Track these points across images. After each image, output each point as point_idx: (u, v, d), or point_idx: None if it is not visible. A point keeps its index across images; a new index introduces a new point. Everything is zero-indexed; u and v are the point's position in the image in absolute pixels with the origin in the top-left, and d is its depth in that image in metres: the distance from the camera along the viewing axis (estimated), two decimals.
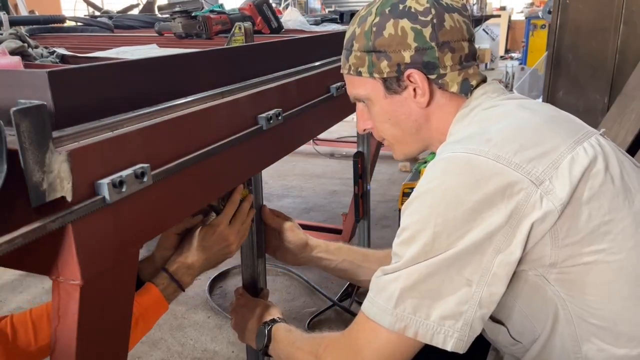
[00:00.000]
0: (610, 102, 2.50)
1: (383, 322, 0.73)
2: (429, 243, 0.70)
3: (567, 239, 0.70)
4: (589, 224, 0.70)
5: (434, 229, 0.70)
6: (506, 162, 0.70)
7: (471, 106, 0.87)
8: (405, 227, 0.74)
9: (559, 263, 0.72)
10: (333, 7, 5.95)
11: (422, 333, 0.70)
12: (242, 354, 1.96)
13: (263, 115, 1.01)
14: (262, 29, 1.82)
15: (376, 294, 0.75)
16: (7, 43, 0.99)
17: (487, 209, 0.69)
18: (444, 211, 0.70)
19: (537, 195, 0.68)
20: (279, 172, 4.05)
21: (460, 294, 0.69)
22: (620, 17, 2.46)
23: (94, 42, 1.70)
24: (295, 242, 1.17)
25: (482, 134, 0.76)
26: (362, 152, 2.07)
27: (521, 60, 7.45)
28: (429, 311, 0.70)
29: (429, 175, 0.75)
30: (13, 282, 2.51)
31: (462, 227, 0.69)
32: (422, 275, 0.70)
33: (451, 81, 0.86)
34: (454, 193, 0.70)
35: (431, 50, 0.84)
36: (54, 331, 0.67)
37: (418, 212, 0.73)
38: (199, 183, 0.86)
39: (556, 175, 0.70)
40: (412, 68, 0.85)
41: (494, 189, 0.69)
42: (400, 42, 0.84)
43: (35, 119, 0.53)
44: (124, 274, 0.74)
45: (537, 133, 0.75)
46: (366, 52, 0.87)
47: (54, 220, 0.55)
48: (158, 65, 0.83)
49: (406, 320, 0.70)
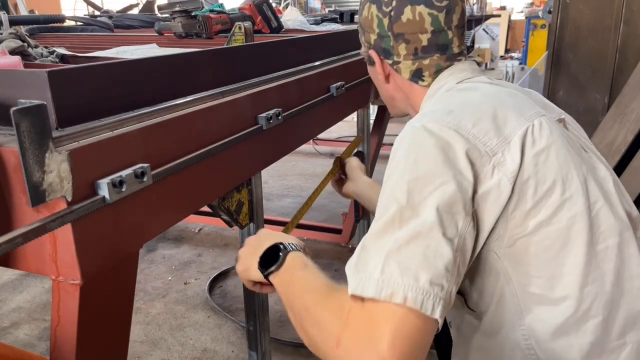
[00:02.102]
0: (610, 102, 2.50)
1: (368, 292, 0.65)
2: (404, 205, 0.69)
3: (515, 211, 0.74)
4: (534, 197, 0.74)
5: (407, 191, 0.70)
6: (465, 132, 0.75)
7: (437, 86, 0.94)
8: (384, 188, 0.75)
9: (507, 236, 0.75)
10: (333, 7, 5.93)
11: (412, 298, 0.63)
12: (242, 354, 1.96)
13: (263, 115, 1.01)
14: (262, 28, 1.82)
15: (358, 264, 0.69)
16: (7, 43, 0.99)
17: (451, 169, 0.71)
18: (413, 175, 0.72)
19: (489, 166, 0.73)
20: (279, 172, 4.05)
21: (446, 259, 0.67)
22: (620, 17, 2.46)
23: (93, 41, 1.70)
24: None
25: (444, 107, 0.82)
26: (362, 152, 2.07)
27: (521, 60, 7.45)
28: (418, 274, 0.65)
29: (396, 146, 0.79)
30: (13, 282, 2.51)
31: (432, 183, 0.70)
32: (406, 240, 0.67)
33: (404, 69, 0.95)
34: (420, 157, 0.73)
35: (387, 39, 0.94)
36: (53, 331, 0.67)
37: (392, 172, 0.75)
38: (199, 183, 0.86)
39: (508, 149, 0.74)
40: (373, 49, 0.97)
41: (456, 154, 0.73)
42: (369, 25, 0.96)
43: (35, 118, 0.53)
44: (124, 274, 0.74)
45: (494, 108, 0.79)
46: (359, 25, 1.02)
47: (54, 220, 0.55)
48: (158, 65, 0.83)
49: (393, 285, 0.64)
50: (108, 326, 0.72)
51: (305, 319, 0.73)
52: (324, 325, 0.69)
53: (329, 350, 0.67)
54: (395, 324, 0.63)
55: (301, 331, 0.74)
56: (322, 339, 0.69)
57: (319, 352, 0.70)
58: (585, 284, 0.76)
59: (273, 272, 0.82)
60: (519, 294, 0.78)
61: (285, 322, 2.12)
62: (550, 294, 0.77)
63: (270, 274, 0.83)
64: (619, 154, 2.19)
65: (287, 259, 0.82)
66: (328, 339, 0.67)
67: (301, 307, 0.75)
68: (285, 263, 0.82)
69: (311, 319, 0.72)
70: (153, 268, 2.62)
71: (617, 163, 2.15)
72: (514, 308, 0.79)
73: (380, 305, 0.64)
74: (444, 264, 0.66)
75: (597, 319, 0.76)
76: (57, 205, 0.59)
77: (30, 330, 2.12)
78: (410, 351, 0.62)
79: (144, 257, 2.72)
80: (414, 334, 0.63)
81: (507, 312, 0.80)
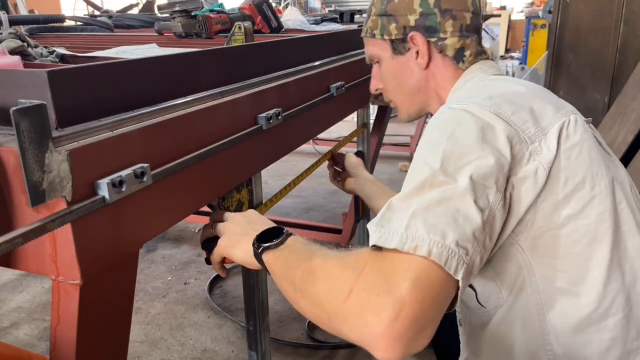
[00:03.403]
0: (610, 102, 2.50)
1: (390, 244, 0.61)
2: (437, 170, 0.67)
3: (544, 202, 0.74)
4: (565, 189, 0.75)
5: (441, 159, 0.69)
6: (505, 118, 0.75)
7: (467, 77, 0.96)
8: (414, 160, 0.74)
9: (534, 226, 0.75)
10: (333, 7, 5.94)
11: (437, 253, 0.59)
12: (242, 354, 1.96)
13: (263, 115, 1.01)
14: (262, 28, 1.82)
15: (382, 220, 0.65)
16: (7, 42, 0.99)
17: (489, 146, 0.71)
18: (450, 147, 0.70)
19: (527, 152, 0.74)
20: (279, 172, 4.05)
21: (475, 225, 0.64)
22: (620, 17, 2.46)
23: (93, 41, 1.69)
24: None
25: (482, 94, 0.82)
26: (362, 152, 2.07)
27: (521, 60, 7.45)
28: (445, 233, 0.61)
29: (431, 124, 0.78)
30: (13, 282, 2.51)
31: (468, 156, 0.69)
32: (435, 201, 0.64)
33: (450, 45, 0.95)
34: (458, 133, 0.72)
35: (433, 16, 0.94)
36: (53, 331, 0.67)
37: (426, 146, 0.74)
38: (198, 183, 0.85)
39: (545, 140, 0.75)
40: (415, 31, 0.96)
41: (496, 134, 0.73)
42: (407, 7, 0.96)
43: (35, 118, 0.53)
44: (124, 274, 0.74)
45: (530, 101, 0.80)
46: (379, 15, 1.00)
47: (54, 220, 0.55)
48: (158, 65, 0.83)
49: (418, 239, 0.60)
50: (108, 326, 0.72)
51: (310, 280, 0.65)
52: (335, 280, 0.62)
53: (338, 306, 0.59)
54: (416, 273, 0.58)
55: (303, 299, 0.66)
56: (330, 296, 0.61)
57: (325, 315, 0.62)
58: (609, 281, 0.76)
59: (271, 248, 0.77)
60: (542, 289, 0.78)
61: (285, 322, 2.12)
62: (575, 288, 0.77)
63: (267, 249, 0.77)
64: (619, 154, 2.19)
65: (288, 240, 0.78)
66: (338, 294, 0.60)
67: (304, 272, 0.67)
68: (286, 242, 0.77)
69: (318, 278, 0.65)
70: (153, 268, 2.62)
71: None
72: (534, 302, 0.79)
73: (402, 255, 0.60)
74: (472, 229, 0.64)
75: (618, 316, 0.77)
76: (57, 205, 0.59)
77: (30, 330, 2.12)
78: (430, 300, 0.57)
79: (144, 257, 2.72)
80: (436, 284, 0.59)
81: (525, 306, 0.80)
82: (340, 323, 0.60)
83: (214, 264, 0.92)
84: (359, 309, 0.57)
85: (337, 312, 0.60)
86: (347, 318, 0.58)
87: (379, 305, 0.56)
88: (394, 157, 4.33)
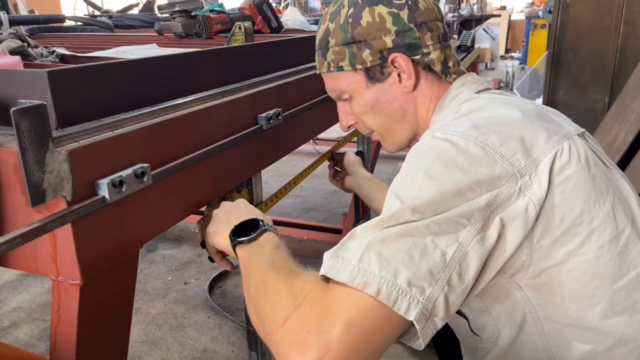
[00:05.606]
0: (610, 102, 2.50)
1: (341, 276, 0.60)
2: (407, 207, 0.65)
3: (541, 241, 0.70)
4: (561, 226, 0.70)
5: (414, 195, 0.66)
6: (493, 151, 0.70)
7: (451, 96, 0.88)
8: (390, 189, 0.71)
9: (532, 266, 0.71)
10: None
11: (386, 292, 0.58)
12: (242, 354, 1.96)
13: (263, 115, 1.01)
14: (262, 28, 1.82)
15: (340, 249, 0.64)
16: (7, 43, 0.99)
17: (470, 191, 0.67)
18: (427, 183, 0.67)
19: (517, 187, 0.68)
20: (279, 172, 4.05)
21: (432, 263, 0.62)
22: (620, 17, 2.46)
23: (93, 41, 1.70)
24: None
25: (468, 122, 0.76)
26: (362, 152, 2.07)
27: (521, 60, 7.45)
28: (398, 270, 0.59)
29: (416, 150, 0.74)
30: (13, 282, 2.51)
31: (443, 195, 0.66)
32: (393, 235, 0.62)
33: (436, 59, 0.88)
34: (439, 169, 0.68)
35: (411, 32, 0.86)
36: (53, 331, 0.67)
37: (404, 176, 0.71)
38: (199, 183, 0.86)
39: (535, 173, 0.69)
40: (395, 52, 0.86)
41: (480, 176, 0.68)
42: (379, 29, 0.86)
43: (35, 118, 0.53)
44: (124, 274, 0.74)
45: (521, 128, 0.74)
46: (345, 44, 0.89)
47: (54, 220, 0.55)
48: (158, 65, 0.83)
49: (369, 275, 0.59)
50: (108, 326, 0.72)
51: (260, 293, 0.67)
52: (277, 303, 0.62)
53: (272, 331, 0.60)
54: (355, 313, 0.57)
55: (252, 309, 0.67)
56: (270, 318, 0.62)
57: (263, 333, 0.63)
58: (614, 314, 0.73)
59: (244, 243, 0.79)
60: (545, 324, 0.75)
61: None
62: (579, 323, 0.74)
63: (240, 244, 0.79)
64: (619, 154, 2.19)
65: (262, 237, 0.79)
66: (276, 318, 0.60)
67: (259, 281, 0.69)
68: (259, 239, 0.78)
69: (266, 293, 0.66)
70: (153, 268, 2.62)
71: (617, 163, 2.15)
72: (538, 336, 0.76)
73: (347, 291, 0.59)
74: (428, 267, 0.61)
75: (629, 345, 0.74)
76: (57, 205, 0.59)
77: (30, 330, 2.12)
78: (361, 346, 0.56)
79: (144, 257, 2.72)
80: (372, 330, 0.58)
81: (530, 339, 0.77)
82: (272, 347, 0.60)
83: (212, 256, 0.94)
84: (288, 341, 0.57)
85: (271, 337, 0.60)
86: (278, 346, 0.59)
87: (306, 344, 0.56)
88: (394, 157, 4.33)
